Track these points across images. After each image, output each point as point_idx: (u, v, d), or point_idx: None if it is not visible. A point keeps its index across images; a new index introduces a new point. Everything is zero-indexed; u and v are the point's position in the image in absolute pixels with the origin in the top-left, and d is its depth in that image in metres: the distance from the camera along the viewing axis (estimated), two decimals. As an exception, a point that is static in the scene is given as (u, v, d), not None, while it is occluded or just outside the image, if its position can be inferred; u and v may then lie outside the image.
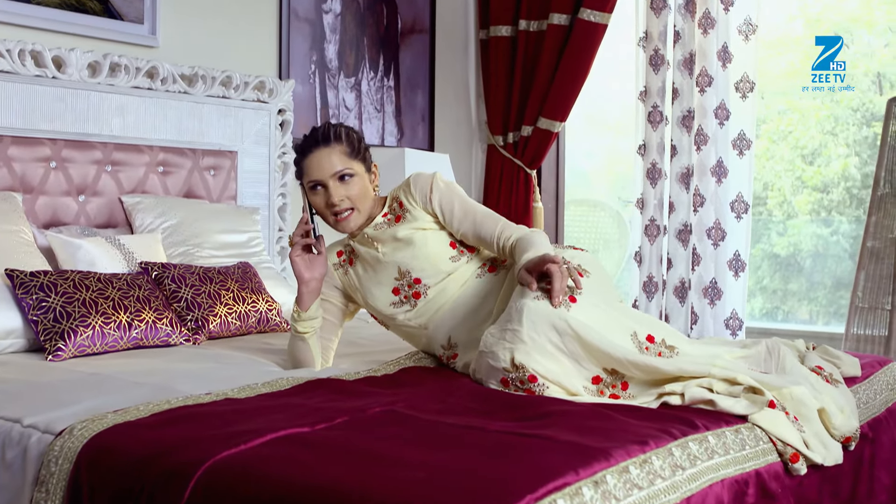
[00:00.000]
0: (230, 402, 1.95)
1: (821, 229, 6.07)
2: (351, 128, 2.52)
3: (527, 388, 2.00)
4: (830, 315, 5.86)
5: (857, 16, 6.42)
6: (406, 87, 4.80)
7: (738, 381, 1.96)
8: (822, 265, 5.82)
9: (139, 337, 2.82)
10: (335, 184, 2.43)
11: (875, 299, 4.87)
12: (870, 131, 6.88)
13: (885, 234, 5.05)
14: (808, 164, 5.98)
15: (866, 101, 6.75)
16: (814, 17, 6.11)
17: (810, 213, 5.91)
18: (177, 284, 3.07)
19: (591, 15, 4.59)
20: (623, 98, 6.36)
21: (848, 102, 6.33)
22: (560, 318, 2.00)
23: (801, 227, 5.94)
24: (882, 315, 4.67)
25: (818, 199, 6.06)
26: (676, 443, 1.67)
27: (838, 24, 6.22)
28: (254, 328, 3.20)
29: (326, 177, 2.42)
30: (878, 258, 4.82)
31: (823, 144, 6.10)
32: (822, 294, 5.82)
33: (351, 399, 1.97)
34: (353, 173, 2.45)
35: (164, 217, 3.43)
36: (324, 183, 2.43)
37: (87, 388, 2.18)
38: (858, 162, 6.30)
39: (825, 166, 6.15)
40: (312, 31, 4.33)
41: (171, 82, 3.62)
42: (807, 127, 6.01)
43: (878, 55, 6.80)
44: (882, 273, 4.98)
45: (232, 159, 3.86)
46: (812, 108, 6.03)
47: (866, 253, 5.07)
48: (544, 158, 4.86)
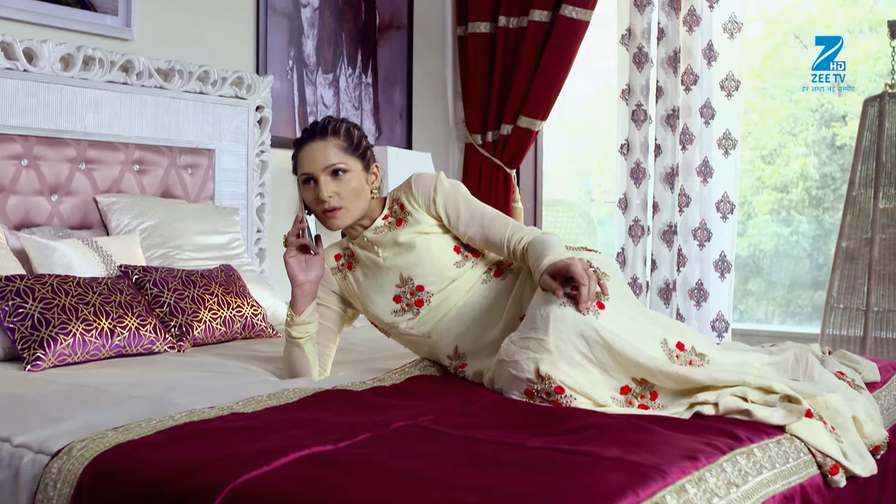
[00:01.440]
0: (238, 416, 1.82)
1: (781, 229, 6.08)
2: (354, 124, 2.39)
3: (553, 399, 1.89)
4: (786, 314, 5.87)
5: (815, 18, 6.45)
6: (384, 85, 4.67)
7: (773, 389, 1.88)
8: (779, 265, 5.83)
9: (122, 345, 2.66)
10: (326, 178, 2.30)
11: (850, 300, 4.86)
12: (828, 132, 6.90)
13: (860, 234, 5.05)
14: (768, 164, 5.98)
15: (825, 102, 6.76)
16: (773, 19, 6.11)
17: (770, 213, 5.91)
18: (159, 289, 2.92)
19: (572, 12, 4.51)
20: (587, 96, 6.30)
21: (807, 103, 6.35)
22: (589, 325, 1.89)
23: (762, 227, 5.95)
24: (857, 315, 4.66)
25: (778, 199, 6.07)
26: (726, 457, 1.58)
27: (797, 27, 6.23)
28: (239, 334, 3.06)
29: (318, 170, 2.29)
30: (853, 258, 4.81)
31: (783, 145, 6.11)
32: (781, 294, 5.82)
33: (367, 412, 1.85)
34: (347, 169, 2.32)
35: (141, 218, 3.27)
36: (315, 177, 2.30)
37: (77, 402, 2.03)
38: (817, 162, 6.32)
39: (784, 166, 6.15)
40: (290, 25, 4.19)
41: (146, 77, 3.46)
42: (766, 127, 6.02)
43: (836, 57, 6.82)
44: (856, 273, 4.97)
45: (210, 157, 3.70)
46: (771, 109, 6.03)
47: (840, 253, 5.06)
48: (524, 158, 4.77)
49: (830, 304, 4.59)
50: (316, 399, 1.97)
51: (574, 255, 2.22)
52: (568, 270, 1.95)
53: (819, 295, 6.11)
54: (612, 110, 4.77)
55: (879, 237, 4.95)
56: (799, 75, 6.29)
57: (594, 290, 1.93)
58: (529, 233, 2.26)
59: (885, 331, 4.71)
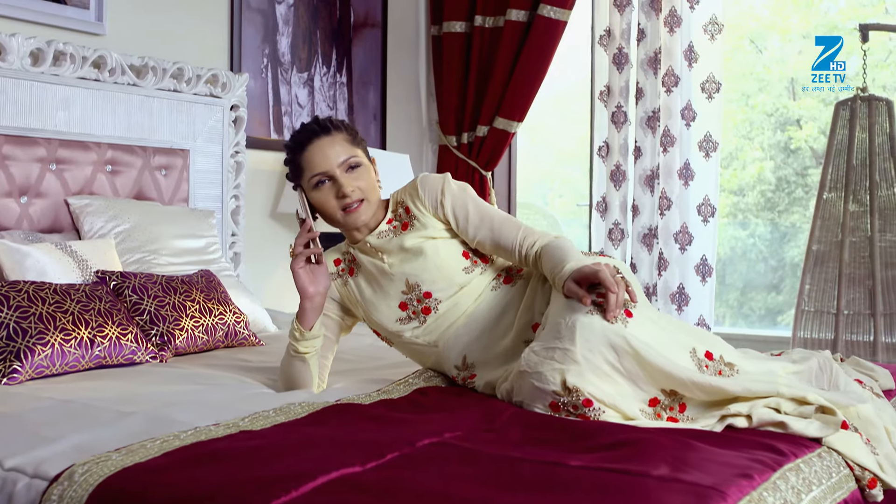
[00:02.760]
0: (247, 434, 1.70)
1: (738, 232, 6.10)
2: (343, 120, 2.30)
3: (580, 412, 1.79)
4: (738, 316, 5.88)
5: (771, 23, 6.47)
6: (358, 84, 4.55)
7: (807, 400, 1.80)
8: (733, 268, 5.86)
9: (102, 355, 2.52)
10: (343, 174, 2.19)
11: (821, 303, 4.85)
12: (783, 136, 6.93)
13: (830, 237, 5.05)
14: (725, 167, 5.98)
15: (780, 107, 6.80)
16: (729, 24, 6.12)
17: (727, 217, 5.92)
18: (138, 295, 2.77)
19: (550, 11, 4.44)
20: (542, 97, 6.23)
21: (763, 107, 6.37)
22: (618, 334, 1.80)
23: (719, 231, 5.96)
24: (828, 318, 4.66)
25: (734, 203, 6.08)
26: (777, 474, 1.50)
27: (754, 31, 6.24)
28: (221, 342, 2.92)
29: (334, 167, 2.18)
30: (823, 262, 4.82)
31: (739, 148, 6.12)
32: (733, 296, 5.83)
33: (385, 429, 1.74)
34: (361, 162, 2.22)
35: (116, 221, 3.12)
36: (331, 174, 2.19)
37: (67, 420, 1.89)
38: (773, 166, 6.34)
39: (741, 170, 6.17)
40: (265, 21, 4.05)
41: (119, 73, 3.30)
42: (723, 131, 6.03)
43: (792, 61, 6.86)
44: (827, 276, 4.97)
45: (184, 158, 3.55)
46: (728, 113, 6.03)
47: (811, 257, 5.06)
48: (500, 159, 4.69)
49: (801, 307, 4.59)
50: (326, 414, 1.86)
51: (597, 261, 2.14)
52: (596, 277, 1.86)
53: (772, 297, 6.12)
54: (578, 111, 4.69)
55: (849, 240, 4.95)
56: (755, 80, 6.31)
57: (622, 298, 1.85)
58: (542, 237, 2.17)
59: (856, 333, 4.72)
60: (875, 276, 4.83)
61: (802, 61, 6.82)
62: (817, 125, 7.12)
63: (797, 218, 7.09)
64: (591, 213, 4.62)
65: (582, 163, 6.98)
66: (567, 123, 6.67)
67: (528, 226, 2.22)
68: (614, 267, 1.92)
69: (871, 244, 4.93)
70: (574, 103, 6.29)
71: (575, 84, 5.82)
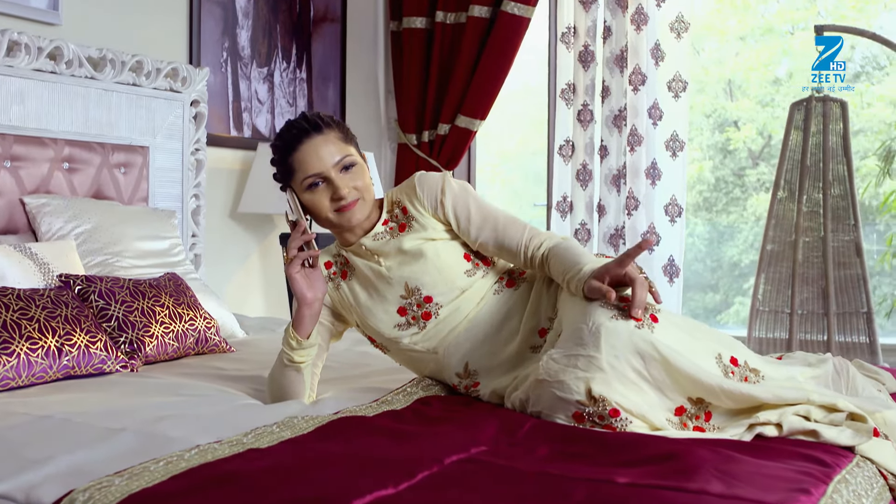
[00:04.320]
0: (256, 453, 1.57)
1: (677, 231, 6.11)
2: (331, 115, 2.17)
3: (606, 423, 1.70)
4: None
5: (709, 24, 6.51)
6: (318, 81, 4.42)
7: (837, 407, 1.74)
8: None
9: (70, 365, 2.36)
10: (339, 175, 2.06)
11: (775, 303, 4.88)
12: (721, 137, 6.99)
13: (784, 237, 5.08)
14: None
15: (718, 108, 6.85)
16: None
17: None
18: (105, 301, 2.61)
19: (514, 8, 4.35)
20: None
21: (701, 108, 6.41)
22: (645, 340, 1.72)
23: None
24: (782, 318, 4.68)
25: (673, 202, 6.09)
26: (831, 488, 1.43)
27: (692, 34, 6.27)
28: (191, 349, 2.77)
29: (328, 168, 2.05)
30: (777, 262, 4.84)
31: (680, 148, 6.12)
32: None
33: (403, 444, 1.62)
34: (355, 161, 2.09)
35: (76, 221, 2.94)
36: (326, 175, 2.05)
37: (49, 438, 1.74)
38: (711, 166, 6.38)
39: (681, 170, 6.18)
40: (224, 14, 3.89)
41: (76, 66, 3.12)
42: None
43: (730, 63, 6.92)
44: (781, 277, 5.00)
45: (144, 155, 3.38)
46: (667, 113, 6.03)
47: (765, 256, 5.09)
48: (462, 158, 4.60)
49: (756, 307, 4.60)
50: (333, 428, 1.74)
51: (596, 260, 2.06)
52: (622, 274, 1.77)
53: (710, 297, 6.15)
54: (532, 110, 4.62)
55: (803, 240, 4.98)
56: (694, 80, 6.33)
57: (645, 297, 1.76)
58: (549, 238, 2.07)
59: (810, 333, 4.75)
60: (828, 276, 4.86)
61: (740, 63, 6.88)
62: (755, 126, 7.19)
63: (734, 218, 7.15)
64: (549, 214, 4.55)
65: (536, 162, 6.94)
66: (522, 122, 6.61)
67: (533, 226, 2.12)
68: (637, 266, 1.84)
69: (823, 244, 4.96)
70: (528, 101, 6.23)
71: (527, 82, 5.76)
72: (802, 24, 7.14)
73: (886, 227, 6.25)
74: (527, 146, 6.85)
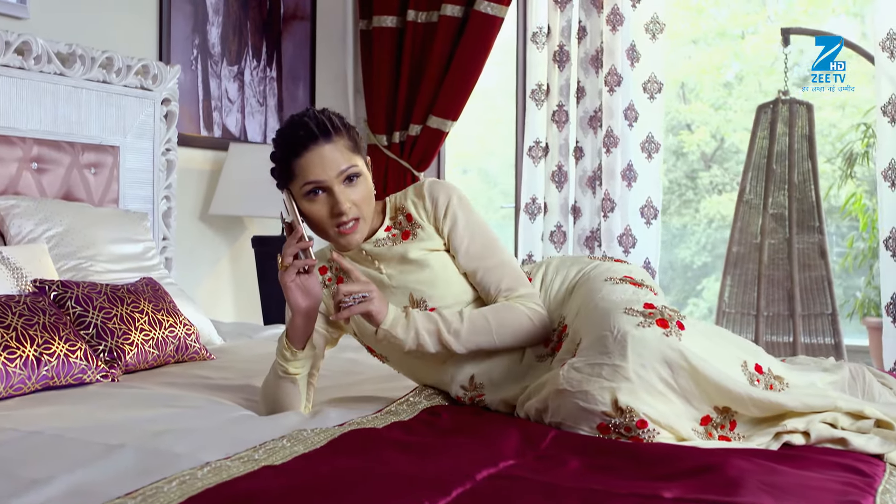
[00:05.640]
0: (273, 470, 1.48)
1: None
2: (339, 114, 2.06)
3: (633, 435, 1.64)
4: None
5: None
6: (288, 79, 4.31)
7: (864, 414, 1.71)
8: None
9: (50, 375, 2.24)
10: (341, 187, 1.95)
11: (741, 304, 4.89)
12: (675, 139, 7.04)
13: (749, 239, 5.10)
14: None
15: (671, 110, 6.89)
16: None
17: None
18: (83, 307, 2.49)
19: (487, 7, 4.29)
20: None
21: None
22: (673, 349, 1.66)
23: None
24: (748, 319, 4.70)
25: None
26: (878, 499, 1.39)
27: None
28: (171, 357, 2.66)
29: (332, 178, 1.93)
30: (743, 263, 4.86)
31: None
32: None
33: (427, 459, 1.54)
34: (360, 172, 1.98)
35: (47, 224, 2.81)
36: (327, 186, 1.94)
37: (44, 455, 1.63)
38: (665, 169, 6.41)
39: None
40: (195, 10, 3.77)
41: (45, 61, 2.99)
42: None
43: (682, 66, 6.96)
44: (747, 279, 5.02)
45: (114, 155, 3.26)
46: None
47: (731, 258, 5.10)
48: (433, 159, 4.52)
49: (722, 308, 4.61)
50: (346, 442, 1.66)
51: (599, 263, 2.03)
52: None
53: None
54: (498, 110, 4.55)
55: (768, 242, 5.00)
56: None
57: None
58: (520, 297, 2.01)
59: (775, 334, 4.78)
60: (793, 278, 4.89)
61: (692, 66, 6.92)
62: (708, 129, 7.24)
63: (687, 220, 7.20)
64: (517, 216, 4.49)
65: (499, 164, 6.89)
66: (488, 123, 6.56)
67: (521, 273, 2.05)
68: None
69: (789, 246, 4.99)
70: (493, 101, 6.18)
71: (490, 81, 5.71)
72: (752, 29, 7.22)
73: (847, 230, 6.32)
74: (491, 147, 6.80)
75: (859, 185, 5.96)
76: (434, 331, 1.95)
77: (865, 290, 5.93)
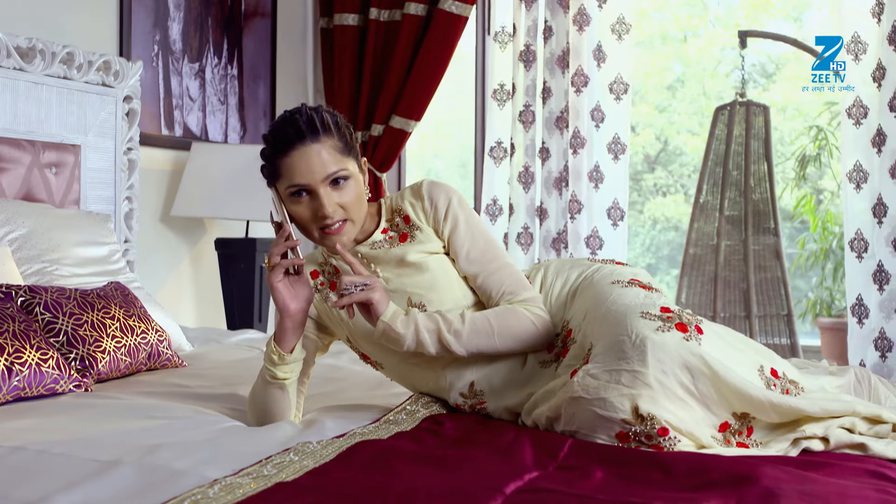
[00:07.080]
0: (285, 487, 1.40)
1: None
2: (334, 112, 1.98)
3: (654, 443, 1.59)
4: None
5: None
6: (249, 78, 4.20)
7: (882, 419, 1.68)
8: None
9: (21, 385, 2.12)
10: (327, 190, 1.86)
11: (697, 306, 4.92)
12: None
13: (706, 241, 5.13)
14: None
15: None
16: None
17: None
18: (52, 313, 2.37)
19: (452, 6, 4.23)
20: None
21: None
22: (694, 354, 1.61)
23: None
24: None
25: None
26: (916, 509, 1.36)
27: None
28: (143, 365, 2.56)
29: (316, 181, 1.85)
30: (700, 265, 4.89)
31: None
32: None
33: (446, 473, 1.47)
34: (349, 175, 1.88)
35: (9, 226, 2.68)
36: (312, 189, 1.86)
37: (34, 474, 1.52)
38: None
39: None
40: (156, 5, 3.65)
41: (4, 56, 2.86)
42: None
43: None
44: (703, 279, 5.05)
45: (75, 155, 3.13)
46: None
47: (688, 260, 5.13)
48: (395, 161, 4.45)
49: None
50: (356, 454, 1.58)
51: (601, 266, 1.99)
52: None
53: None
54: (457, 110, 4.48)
55: (724, 244, 5.03)
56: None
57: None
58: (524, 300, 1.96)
59: (732, 336, 4.77)
60: (749, 280, 4.92)
61: (639, 69, 6.95)
62: (652, 131, 7.29)
63: (631, 222, 7.23)
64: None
65: (459, 163, 6.83)
66: (447, 123, 6.51)
67: (522, 276, 1.99)
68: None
69: (744, 247, 5.02)
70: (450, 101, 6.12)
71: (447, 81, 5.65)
72: (691, 32, 7.28)
73: (796, 232, 6.40)
74: (445, 148, 6.74)
75: (809, 187, 6.04)
76: (434, 329, 1.88)
77: (817, 290, 6.00)
